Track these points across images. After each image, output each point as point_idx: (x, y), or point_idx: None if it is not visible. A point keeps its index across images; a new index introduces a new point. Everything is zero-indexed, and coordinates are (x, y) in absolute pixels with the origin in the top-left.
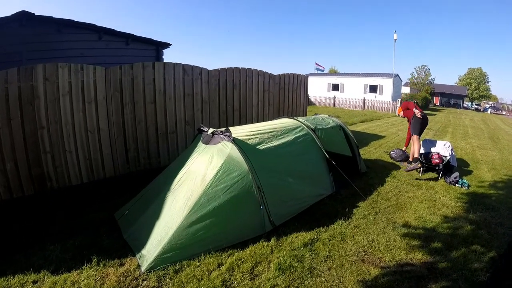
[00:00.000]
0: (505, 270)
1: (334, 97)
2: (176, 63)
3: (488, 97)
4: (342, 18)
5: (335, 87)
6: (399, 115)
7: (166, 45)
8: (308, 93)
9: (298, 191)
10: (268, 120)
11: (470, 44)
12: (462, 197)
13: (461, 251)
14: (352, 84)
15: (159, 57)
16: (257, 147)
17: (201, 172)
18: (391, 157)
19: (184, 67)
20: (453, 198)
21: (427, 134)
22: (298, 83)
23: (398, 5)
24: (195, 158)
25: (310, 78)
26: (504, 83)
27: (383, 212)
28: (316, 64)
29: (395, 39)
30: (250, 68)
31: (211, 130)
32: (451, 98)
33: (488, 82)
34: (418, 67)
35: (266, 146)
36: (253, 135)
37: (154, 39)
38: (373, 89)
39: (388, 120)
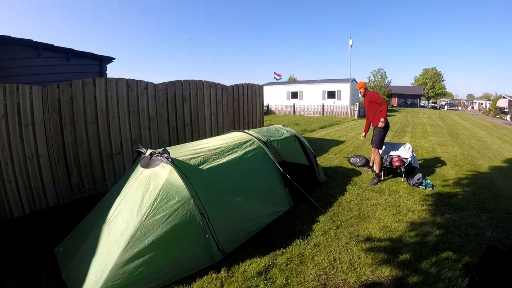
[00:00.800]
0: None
1: (294, 105)
2: (119, 78)
3: (444, 94)
4: (298, 27)
5: (294, 95)
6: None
7: (109, 59)
8: (268, 102)
9: (250, 211)
10: (223, 134)
11: (424, 45)
12: (428, 199)
13: (431, 261)
14: (311, 91)
15: (102, 72)
16: (201, 167)
17: (138, 201)
18: (351, 163)
19: (128, 82)
20: (418, 201)
21: (386, 136)
22: (253, 93)
23: (352, 11)
24: (131, 184)
25: (269, 87)
26: (458, 80)
27: (345, 225)
28: (274, 73)
29: (351, 45)
30: (201, 80)
31: (149, 151)
32: (408, 98)
33: (443, 81)
34: (375, 70)
35: (211, 165)
36: (196, 154)
37: (96, 53)
38: (331, 94)
39: (348, 124)
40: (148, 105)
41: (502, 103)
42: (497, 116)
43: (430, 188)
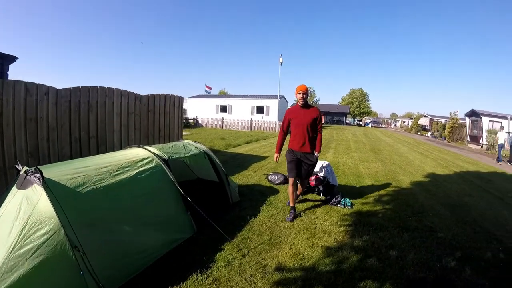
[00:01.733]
0: None
1: (222, 119)
2: (17, 81)
3: (369, 113)
4: (232, 42)
5: (223, 109)
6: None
7: (12, 58)
8: (197, 115)
9: (141, 242)
10: (123, 149)
11: (352, 66)
12: (346, 218)
13: None
14: (240, 106)
15: (3, 73)
16: (80, 189)
17: (7, 229)
18: (269, 181)
19: (27, 85)
20: (335, 222)
21: None
22: (171, 104)
23: (284, 29)
24: (4, 209)
25: (199, 100)
26: (382, 100)
27: (253, 253)
28: (206, 86)
29: (281, 62)
30: (111, 88)
31: (24, 169)
32: (335, 116)
33: (368, 100)
34: None
35: (93, 188)
36: (77, 173)
37: None
38: (260, 110)
39: (274, 140)
40: (48, 112)
41: (424, 121)
42: (419, 133)
43: (349, 207)
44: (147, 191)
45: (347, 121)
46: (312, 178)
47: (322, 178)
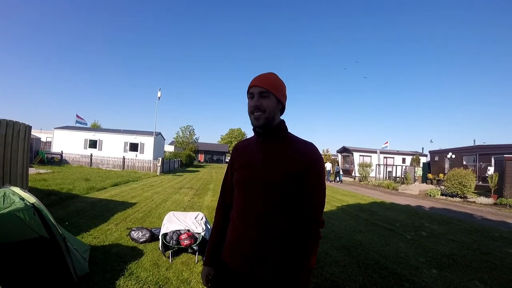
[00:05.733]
0: None
1: (91, 155)
2: None
3: None
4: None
5: (93, 144)
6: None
7: None
8: (62, 149)
9: None
10: None
11: (232, 105)
12: None
13: None
14: (112, 141)
15: None
16: None
17: None
18: (132, 239)
19: None
20: None
21: (186, 194)
22: (14, 134)
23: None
24: None
25: (65, 132)
26: None
27: None
28: (77, 116)
29: (159, 97)
30: None
31: None
32: (215, 155)
33: None
34: (184, 127)
35: None
36: None
37: None
38: (134, 147)
39: (147, 181)
40: None
41: None
42: None
43: None
44: None
45: (226, 160)
46: (184, 236)
47: (196, 234)
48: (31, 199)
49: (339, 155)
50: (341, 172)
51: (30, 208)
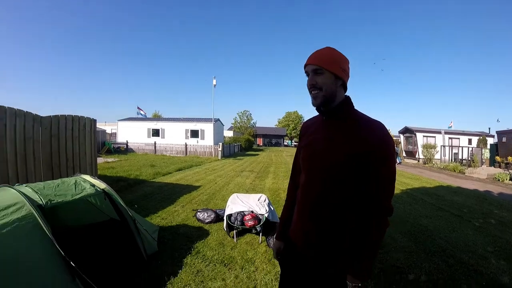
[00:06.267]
0: None
1: (155, 143)
2: None
3: None
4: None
5: (156, 133)
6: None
7: None
8: (127, 139)
9: None
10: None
11: (289, 89)
12: None
13: None
14: (173, 129)
15: None
16: None
17: None
18: (198, 220)
19: None
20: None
21: (247, 177)
22: (80, 128)
23: (219, 52)
24: None
25: (129, 123)
26: None
27: None
28: (138, 108)
29: (214, 85)
30: (2, 106)
31: None
32: (273, 138)
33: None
34: (241, 112)
35: None
36: None
37: None
38: (194, 133)
39: (209, 165)
40: None
41: None
42: None
43: None
44: (9, 257)
45: (285, 143)
46: (248, 217)
47: (260, 216)
48: (101, 185)
49: (401, 136)
50: (403, 154)
51: (100, 193)
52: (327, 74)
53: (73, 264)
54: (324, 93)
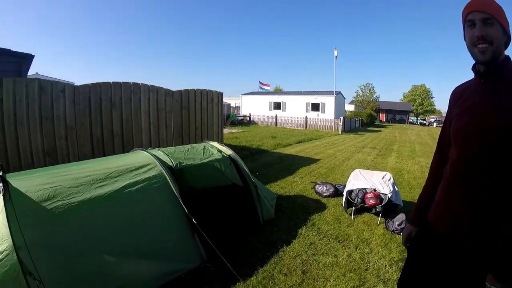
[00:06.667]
0: None
1: (276, 116)
2: (31, 79)
3: (433, 111)
4: (286, 37)
5: (277, 106)
6: None
7: (29, 57)
8: (250, 112)
9: (122, 273)
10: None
11: (414, 62)
12: None
13: None
14: (294, 103)
15: (21, 71)
16: (47, 204)
17: None
18: (317, 192)
19: (41, 83)
20: (395, 262)
21: (369, 154)
22: (208, 100)
23: (341, 24)
24: None
25: (252, 97)
26: (447, 98)
27: None
28: (260, 83)
29: (336, 56)
30: (136, 83)
31: None
32: (397, 114)
33: (432, 98)
34: (363, 85)
35: (63, 203)
36: (49, 183)
37: (13, 49)
38: (315, 107)
39: (329, 140)
40: (66, 110)
41: None
42: None
43: None
44: (140, 209)
45: (410, 120)
46: (370, 195)
47: (382, 195)
48: (227, 151)
49: None
50: None
51: (226, 159)
52: (497, 26)
53: (195, 222)
54: (494, 48)
